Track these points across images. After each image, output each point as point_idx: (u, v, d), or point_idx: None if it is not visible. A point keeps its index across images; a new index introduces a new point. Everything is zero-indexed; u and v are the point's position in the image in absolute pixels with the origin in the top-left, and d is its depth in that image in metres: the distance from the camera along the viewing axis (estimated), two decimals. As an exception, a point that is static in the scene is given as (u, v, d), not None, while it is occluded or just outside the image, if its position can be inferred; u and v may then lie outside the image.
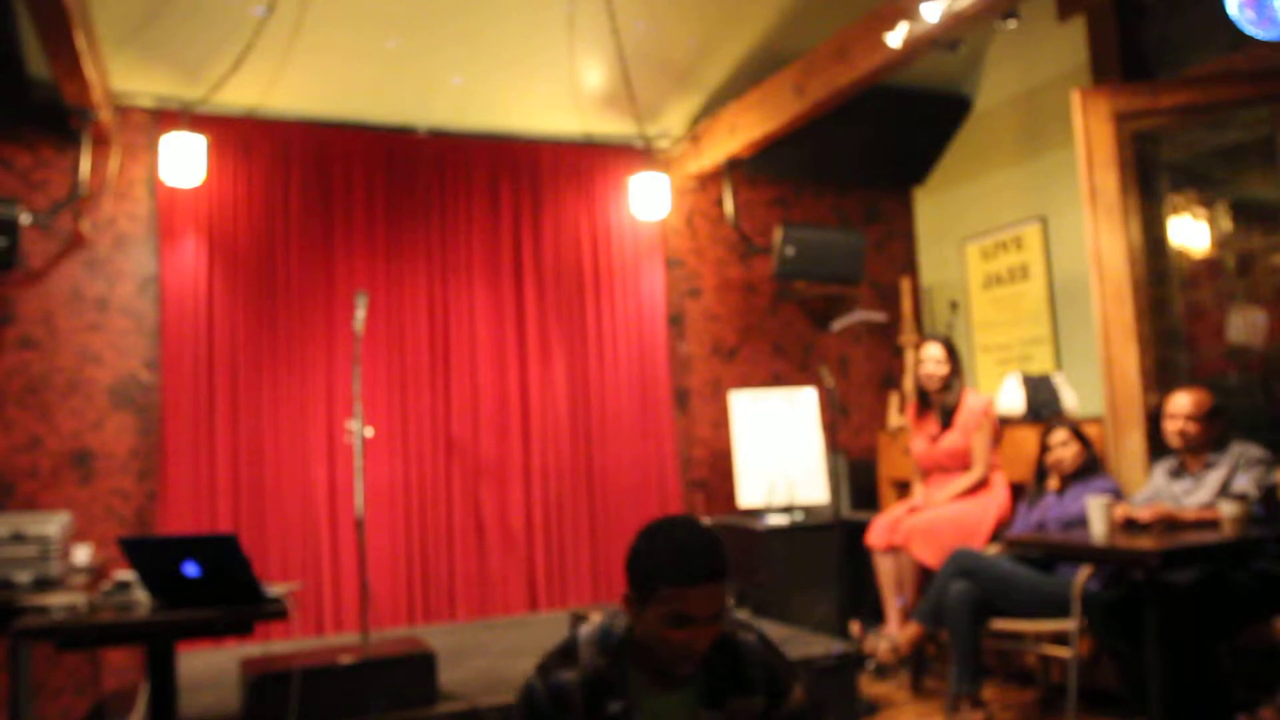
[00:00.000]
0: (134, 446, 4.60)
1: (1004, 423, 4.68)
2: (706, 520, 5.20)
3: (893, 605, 4.34)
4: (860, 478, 5.47)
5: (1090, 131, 4.37)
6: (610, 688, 1.84)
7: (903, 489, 5.16)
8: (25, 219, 4.23)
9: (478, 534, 5.15)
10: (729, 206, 5.68)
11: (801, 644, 3.97)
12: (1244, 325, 4.44)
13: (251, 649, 4.21)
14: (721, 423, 5.60)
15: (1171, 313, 4.48)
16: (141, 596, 2.86)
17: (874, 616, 4.57)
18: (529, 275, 5.37)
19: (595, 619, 1.95)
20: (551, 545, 5.27)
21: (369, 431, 4.43)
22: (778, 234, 5.35)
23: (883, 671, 4.43)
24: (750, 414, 5.29)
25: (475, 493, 5.16)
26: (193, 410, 4.66)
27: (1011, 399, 4.83)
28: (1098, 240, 4.36)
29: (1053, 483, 4.05)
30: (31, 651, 3.39)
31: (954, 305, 5.85)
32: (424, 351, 5.14)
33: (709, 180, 5.74)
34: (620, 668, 1.86)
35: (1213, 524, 3.37)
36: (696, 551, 1.78)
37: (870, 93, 4.70)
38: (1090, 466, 4.00)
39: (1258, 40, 3.33)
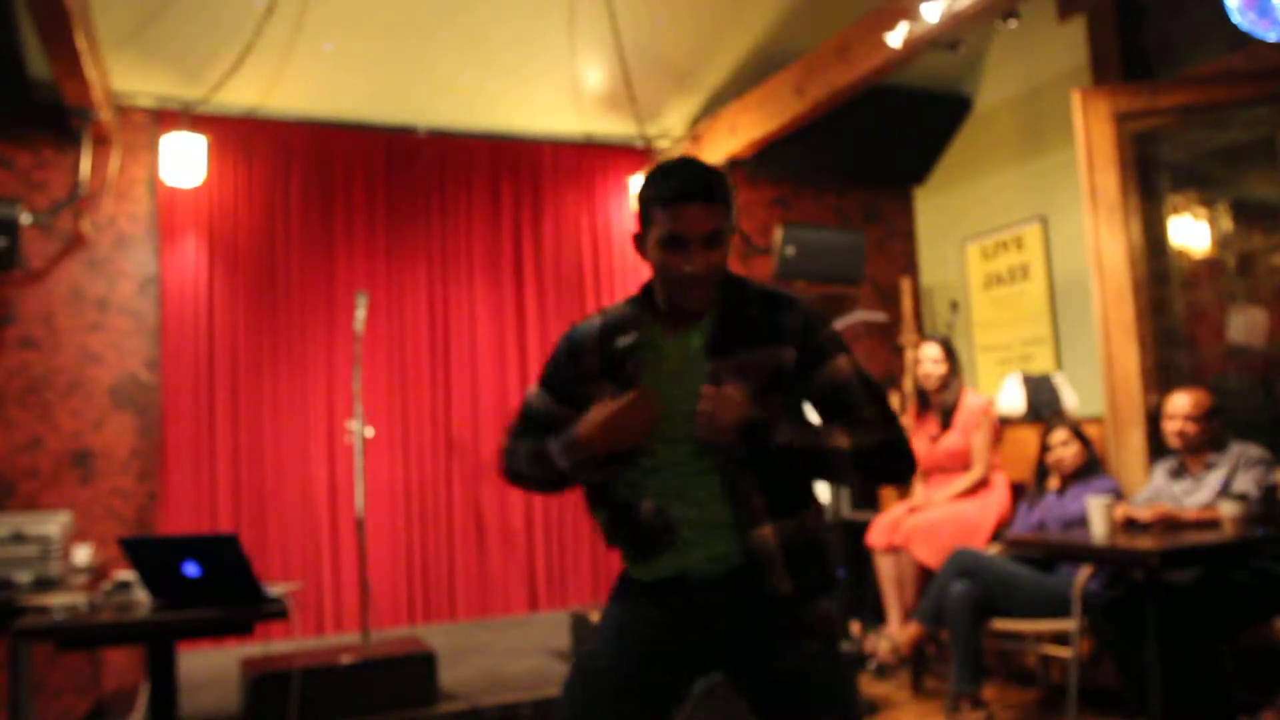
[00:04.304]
0: (134, 446, 4.60)
1: (1004, 423, 4.68)
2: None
3: (893, 605, 4.34)
4: (860, 478, 5.45)
5: (1090, 131, 4.37)
6: (624, 327, 1.90)
7: (903, 489, 5.15)
8: (25, 219, 4.23)
9: (478, 534, 5.15)
10: (729, 206, 5.67)
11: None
12: (1244, 325, 4.44)
13: (251, 649, 4.21)
14: (722, 423, 5.58)
15: (1171, 313, 4.48)
16: (141, 596, 2.86)
17: (874, 616, 4.57)
18: (529, 275, 5.37)
19: None
20: (551, 545, 5.27)
21: (369, 431, 4.43)
22: (778, 234, 5.34)
23: (883, 671, 4.43)
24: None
25: (475, 493, 5.16)
26: (193, 410, 4.67)
27: (1012, 399, 4.83)
28: (1098, 240, 4.36)
29: (1053, 483, 4.05)
30: (31, 651, 3.40)
31: (954, 305, 5.85)
32: (424, 351, 5.14)
33: (709, 180, 5.72)
34: (639, 311, 1.91)
35: (1213, 524, 3.37)
36: (682, 172, 1.80)
37: (870, 93, 4.70)
38: (1090, 466, 3.99)
39: (1258, 40, 3.33)
